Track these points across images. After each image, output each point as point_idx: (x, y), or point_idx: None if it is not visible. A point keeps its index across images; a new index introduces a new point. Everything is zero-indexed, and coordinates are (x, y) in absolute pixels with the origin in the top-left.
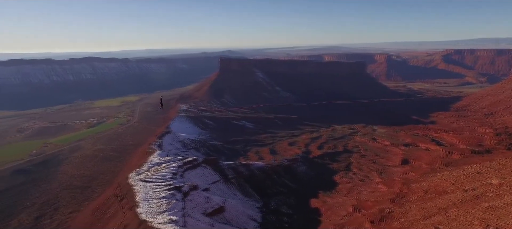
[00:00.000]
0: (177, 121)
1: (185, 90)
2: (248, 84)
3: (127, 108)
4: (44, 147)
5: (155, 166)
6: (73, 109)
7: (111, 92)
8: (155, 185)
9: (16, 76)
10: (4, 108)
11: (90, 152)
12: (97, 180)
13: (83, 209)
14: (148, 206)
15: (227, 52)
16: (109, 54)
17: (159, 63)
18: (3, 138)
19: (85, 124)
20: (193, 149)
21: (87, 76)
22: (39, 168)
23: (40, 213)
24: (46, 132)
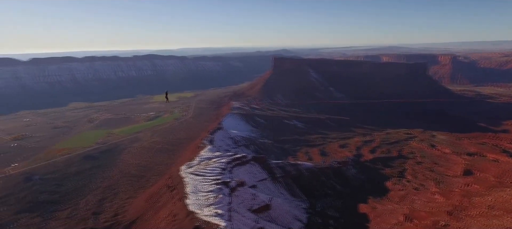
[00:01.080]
0: (229, 118)
1: (238, 88)
2: (301, 83)
3: (183, 104)
4: (108, 136)
5: (205, 160)
6: (134, 103)
7: (169, 88)
8: (204, 178)
9: (89, 72)
10: (79, 100)
11: (147, 144)
12: (152, 170)
13: (138, 196)
14: (196, 198)
15: (281, 51)
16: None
17: (215, 61)
18: (77, 127)
19: (144, 117)
20: (243, 146)
21: (148, 73)
22: (104, 155)
23: (103, 196)
24: (110, 123)
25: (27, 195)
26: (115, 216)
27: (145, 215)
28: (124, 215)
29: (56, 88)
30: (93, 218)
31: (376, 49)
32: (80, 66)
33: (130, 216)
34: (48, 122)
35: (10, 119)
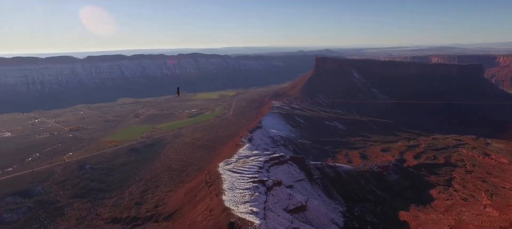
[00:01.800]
0: (269, 117)
1: (279, 88)
2: (343, 84)
3: (224, 102)
4: (153, 131)
5: (243, 158)
6: (177, 100)
7: (211, 86)
8: (241, 176)
9: (137, 69)
10: (128, 96)
11: (189, 140)
12: (192, 165)
13: (178, 189)
14: (233, 195)
15: (324, 51)
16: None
17: (257, 60)
18: (124, 121)
19: (186, 114)
20: (282, 145)
21: (192, 71)
22: (148, 149)
23: (145, 187)
24: (155, 118)
25: (80, 182)
26: (156, 207)
27: (183, 208)
28: (164, 207)
29: (108, 84)
30: (136, 207)
31: (425, 49)
32: (129, 64)
33: (170, 208)
34: (100, 115)
35: (69, 111)
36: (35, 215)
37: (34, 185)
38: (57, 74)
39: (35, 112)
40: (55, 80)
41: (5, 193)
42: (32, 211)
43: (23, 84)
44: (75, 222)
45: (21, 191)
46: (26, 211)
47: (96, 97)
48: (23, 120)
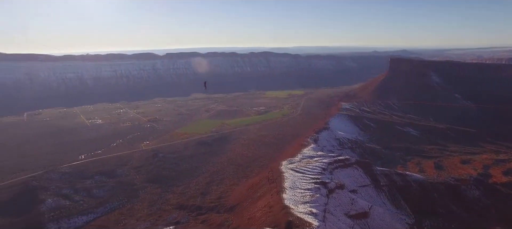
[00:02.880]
0: (337, 119)
1: (350, 89)
2: (419, 87)
3: (292, 101)
4: (222, 126)
5: (307, 158)
6: (247, 97)
7: (281, 84)
8: (304, 176)
9: (209, 66)
10: (200, 91)
11: (255, 136)
12: (256, 161)
13: (241, 184)
14: (293, 194)
15: (401, 52)
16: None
17: (328, 60)
18: (196, 115)
19: (254, 111)
20: (348, 148)
21: (262, 69)
22: (216, 143)
23: (210, 179)
24: (224, 114)
25: (153, 169)
26: (219, 198)
27: (244, 202)
28: (227, 199)
29: (182, 80)
30: (201, 197)
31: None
32: (202, 61)
33: (232, 201)
34: (174, 108)
35: (148, 103)
36: (115, 193)
37: (116, 168)
38: (140, 70)
39: (121, 103)
40: (139, 74)
41: (95, 172)
42: (114, 190)
43: (112, 77)
44: (147, 204)
45: (106, 172)
46: (109, 190)
47: (172, 91)
48: (111, 110)
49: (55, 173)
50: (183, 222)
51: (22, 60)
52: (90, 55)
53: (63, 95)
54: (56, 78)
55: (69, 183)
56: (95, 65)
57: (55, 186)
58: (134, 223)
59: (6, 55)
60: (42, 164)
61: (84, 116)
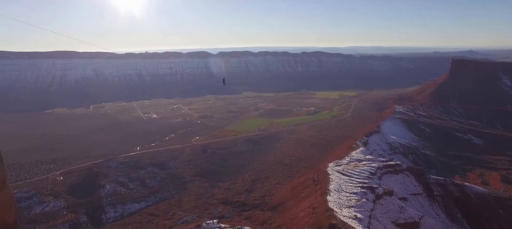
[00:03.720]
0: (389, 122)
1: (405, 91)
2: (485, 92)
3: (343, 103)
4: (270, 125)
5: (355, 161)
6: (297, 97)
7: (332, 85)
8: (350, 179)
9: (261, 65)
10: (251, 90)
11: (303, 137)
12: (302, 162)
13: (286, 184)
14: (338, 197)
15: (466, 52)
16: (336, 50)
17: (383, 60)
18: (245, 113)
19: (304, 111)
20: (400, 154)
21: (313, 69)
22: (263, 141)
23: (256, 177)
24: (274, 113)
25: (202, 163)
26: (263, 196)
27: (288, 202)
28: (271, 197)
29: (234, 78)
30: (246, 194)
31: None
32: (254, 60)
33: (276, 200)
34: (225, 106)
35: (200, 100)
36: (166, 185)
37: (168, 160)
38: (193, 67)
39: (175, 99)
40: (192, 72)
41: (148, 163)
42: (165, 181)
43: (168, 74)
44: (195, 197)
45: (159, 163)
46: (161, 181)
47: (223, 89)
48: (166, 105)
49: (113, 162)
50: (228, 217)
51: (90, 58)
52: (148, 53)
53: (123, 90)
54: (118, 74)
55: (125, 172)
56: (153, 62)
57: (113, 174)
58: (181, 214)
59: (79, 53)
60: (103, 153)
61: (141, 110)
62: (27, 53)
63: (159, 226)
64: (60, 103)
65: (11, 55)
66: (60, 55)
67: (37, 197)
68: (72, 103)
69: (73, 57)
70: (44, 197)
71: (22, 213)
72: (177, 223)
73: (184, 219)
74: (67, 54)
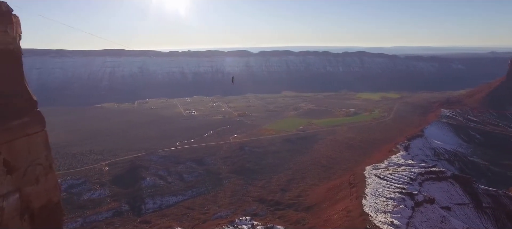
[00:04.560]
0: (434, 126)
1: (453, 95)
2: None
3: (385, 105)
4: (308, 125)
5: (394, 166)
6: (337, 98)
7: (374, 86)
8: (388, 184)
9: (301, 65)
10: (290, 89)
11: (341, 138)
12: (339, 164)
13: (321, 185)
14: (374, 201)
15: None
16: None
17: (430, 62)
18: (284, 113)
19: (343, 112)
20: (445, 160)
21: (355, 69)
22: (301, 141)
23: (292, 177)
24: (312, 113)
25: (239, 161)
26: (298, 197)
27: (322, 203)
28: (306, 198)
29: (274, 77)
30: (281, 193)
31: None
32: (295, 59)
33: (310, 200)
34: (264, 105)
35: (239, 99)
36: (203, 180)
37: (206, 156)
38: (234, 66)
39: (215, 97)
40: (233, 70)
41: (187, 158)
42: (201, 177)
43: (209, 73)
44: (230, 193)
45: (197, 159)
46: (198, 176)
47: (263, 88)
48: (206, 102)
49: (154, 155)
50: (261, 215)
51: (137, 56)
52: (191, 51)
53: (166, 87)
54: (162, 72)
55: (165, 166)
56: (195, 61)
57: (153, 167)
58: (216, 209)
59: (127, 52)
60: (145, 146)
61: (182, 107)
62: (82, 51)
63: (194, 219)
64: (108, 98)
65: (68, 53)
66: (110, 53)
67: (86, 185)
68: (119, 99)
69: (121, 55)
70: (92, 185)
71: (73, 198)
72: (211, 218)
73: (219, 214)
74: (117, 52)
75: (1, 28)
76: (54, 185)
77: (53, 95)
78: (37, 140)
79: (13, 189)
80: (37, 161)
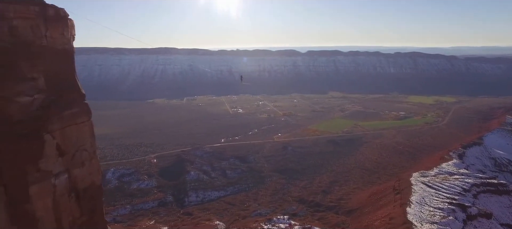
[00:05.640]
0: (497, 134)
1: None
2: None
3: (439, 109)
4: (354, 127)
5: (444, 174)
6: (386, 100)
7: (428, 89)
8: (437, 193)
9: (351, 65)
10: (337, 90)
11: (389, 142)
12: (385, 169)
13: (364, 189)
14: (419, 210)
15: None
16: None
17: (496, 63)
18: (329, 114)
19: (392, 115)
20: (508, 172)
21: (407, 71)
22: (346, 143)
23: (334, 179)
24: (359, 115)
25: (281, 160)
26: (339, 199)
27: (364, 208)
28: (347, 201)
29: (322, 78)
30: (322, 195)
31: None
32: (343, 60)
33: (352, 204)
34: (310, 105)
35: (285, 98)
36: (245, 177)
37: (249, 154)
38: (281, 65)
39: (261, 96)
40: (279, 70)
41: (230, 155)
42: (244, 174)
43: (256, 71)
44: (271, 192)
45: (240, 156)
46: (240, 173)
47: (310, 88)
48: (252, 101)
49: (199, 150)
50: (301, 215)
51: (187, 54)
52: (239, 50)
53: (214, 85)
54: (211, 70)
55: (209, 161)
56: (242, 59)
57: (198, 162)
58: (256, 206)
59: (178, 50)
60: (192, 141)
61: (228, 105)
62: (137, 49)
63: (234, 215)
64: (159, 94)
65: (125, 51)
66: (162, 51)
67: (135, 175)
68: (169, 95)
69: (172, 54)
70: (141, 175)
71: (124, 187)
72: (251, 215)
73: (258, 211)
74: (168, 50)
75: (59, 31)
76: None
77: (110, 90)
78: (84, 128)
79: (63, 169)
80: (83, 147)
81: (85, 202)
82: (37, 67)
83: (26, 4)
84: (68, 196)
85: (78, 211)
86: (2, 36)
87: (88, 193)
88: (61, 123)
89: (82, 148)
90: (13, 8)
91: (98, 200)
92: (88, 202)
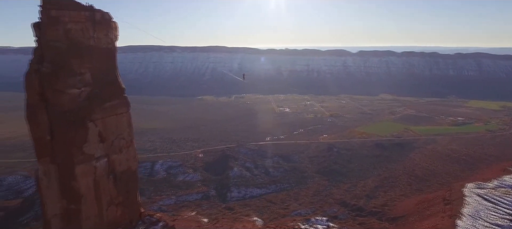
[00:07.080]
0: None
1: None
2: None
3: (506, 115)
4: (404, 131)
5: (506, 187)
6: (441, 104)
7: (492, 93)
8: (494, 207)
9: (404, 66)
10: (389, 92)
11: (442, 149)
12: (437, 177)
13: (411, 197)
14: (472, 224)
15: None
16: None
17: None
18: (379, 116)
19: (449, 121)
20: None
21: (470, 73)
22: (394, 148)
23: (379, 184)
24: (410, 119)
25: (325, 161)
26: (383, 206)
27: (409, 217)
28: (391, 208)
29: (373, 79)
30: (365, 199)
31: None
32: (396, 61)
33: (396, 212)
34: (358, 106)
35: (333, 99)
36: (287, 176)
37: (293, 154)
38: (331, 65)
39: (308, 96)
40: (329, 70)
41: (274, 154)
42: (286, 173)
43: (304, 71)
44: (312, 193)
45: (283, 155)
46: (283, 172)
47: (359, 89)
48: (299, 101)
49: (244, 148)
50: (341, 218)
51: (236, 53)
52: (288, 50)
53: (262, 83)
54: (257, 68)
55: (252, 159)
56: (291, 59)
57: (242, 159)
58: (297, 206)
59: (228, 48)
60: (237, 138)
61: (275, 103)
62: (189, 47)
63: (274, 213)
64: (208, 91)
65: (178, 49)
66: (213, 50)
67: (181, 168)
68: (218, 92)
69: (222, 52)
70: (187, 168)
71: (171, 178)
72: (290, 214)
73: (298, 211)
74: (218, 48)
75: (104, 32)
76: (133, 156)
77: (164, 86)
78: (122, 119)
79: (103, 154)
80: (121, 135)
81: (121, 184)
82: (85, 64)
83: (78, 10)
84: (107, 178)
85: (115, 192)
86: (59, 38)
87: (124, 177)
88: (103, 113)
89: (121, 136)
90: (68, 13)
91: (133, 183)
92: (124, 185)
